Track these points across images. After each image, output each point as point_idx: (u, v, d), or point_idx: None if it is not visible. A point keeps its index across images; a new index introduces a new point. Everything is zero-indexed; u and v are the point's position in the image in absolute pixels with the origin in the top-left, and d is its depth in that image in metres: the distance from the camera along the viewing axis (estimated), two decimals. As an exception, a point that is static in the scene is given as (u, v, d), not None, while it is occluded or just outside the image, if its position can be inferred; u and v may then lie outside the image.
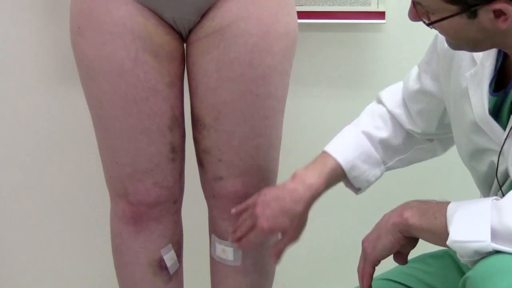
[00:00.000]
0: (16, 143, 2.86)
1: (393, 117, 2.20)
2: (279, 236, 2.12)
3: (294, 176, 2.09)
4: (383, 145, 2.16)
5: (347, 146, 2.15)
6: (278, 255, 2.11)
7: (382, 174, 2.16)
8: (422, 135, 2.18)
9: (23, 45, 2.78)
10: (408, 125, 2.18)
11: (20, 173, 2.87)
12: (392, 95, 2.23)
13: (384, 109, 2.21)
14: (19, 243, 2.95)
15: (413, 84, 2.16)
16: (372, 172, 2.15)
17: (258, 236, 2.11)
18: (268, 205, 2.09)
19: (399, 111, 2.18)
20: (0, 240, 2.94)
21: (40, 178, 2.89)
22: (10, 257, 2.95)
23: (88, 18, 2.11)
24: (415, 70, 2.18)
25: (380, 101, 2.24)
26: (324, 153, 2.13)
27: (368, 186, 2.17)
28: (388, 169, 2.19)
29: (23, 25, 2.77)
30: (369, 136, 2.16)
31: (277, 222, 2.06)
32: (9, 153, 2.87)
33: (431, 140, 2.20)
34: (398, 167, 2.21)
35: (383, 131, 2.17)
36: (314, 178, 2.08)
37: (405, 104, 2.20)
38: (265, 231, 2.06)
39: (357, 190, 2.18)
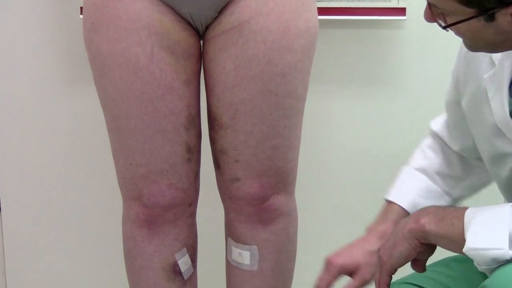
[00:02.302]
0: (27, 144, 2.86)
1: (440, 140, 2.19)
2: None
3: (366, 230, 2.10)
4: (441, 175, 2.16)
5: (405, 188, 2.15)
6: None
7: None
8: (466, 152, 2.15)
9: (34, 45, 2.78)
10: (450, 143, 2.17)
11: (30, 174, 2.87)
12: (439, 117, 2.21)
13: (431, 139, 2.21)
14: (29, 246, 2.95)
15: (447, 94, 2.15)
16: (439, 203, 2.12)
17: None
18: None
19: (442, 130, 2.18)
20: (12, 241, 2.93)
21: (51, 179, 2.89)
22: (23, 259, 2.95)
23: (102, 13, 2.10)
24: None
25: (430, 130, 2.22)
26: (386, 202, 2.13)
27: None
28: (456, 200, 2.17)
29: (35, 26, 2.77)
30: (423, 171, 2.16)
31: (350, 257, 2.05)
32: (21, 153, 2.87)
33: (481, 159, 2.16)
34: (467, 196, 2.18)
35: (436, 160, 2.17)
36: (383, 226, 2.07)
37: (447, 121, 2.20)
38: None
39: None
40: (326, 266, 2.07)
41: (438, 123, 2.20)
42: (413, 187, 2.16)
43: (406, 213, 2.10)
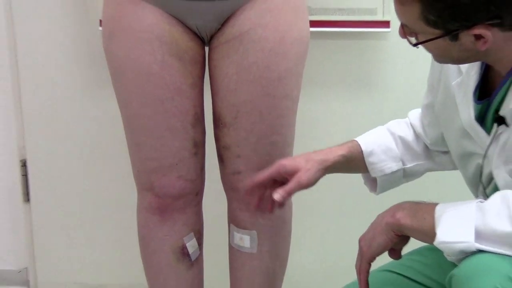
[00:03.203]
0: (54, 142, 2.89)
1: (413, 127, 2.22)
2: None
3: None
4: (404, 143, 2.18)
5: (371, 136, 2.18)
6: (284, 197, 2.05)
7: (398, 171, 2.16)
8: (434, 146, 2.18)
9: (61, 54, 2.81)
10: (423, 137, 2.20)
11: (57, 169, 2.92)
12: (416, 110, 2.24)
13: (407, 120, 2.23)
14: (55, 234, 2.97)
15: (423, 99, 2.17)
16: (389, 164, 2.16)
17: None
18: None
19: (416, 123, 2.20)
20: (41, 230, 2.96)
21: (75, 173, 2.94)
22: (51, 245, 2.97)
23: (118, 24, 2.17)
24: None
25: (408, 118, 2.25)
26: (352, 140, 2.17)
27: (384, 180, 2.16)
28: (405, 172, 2.18)
29: (61, 37, 2.79)
30: (392, 133, 2.18)
31: (293, 161, 2.07)
32: (49, 150, 2.88)
33: (445, 153, 2.19)
34: (416, 174, 2.21)
35: (406, 133, 2.19)
36: (337, 147, 2.11)
37: (421, 118, 2.22)
38: (281, 165, 2.04)
39: (374, 186, 2.20)
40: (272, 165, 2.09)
41: (413, 115, 2.22)
42: (378, 139, 2.18)
43: (361, 153, 2.15)
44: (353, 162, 2.16)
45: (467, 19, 1.74)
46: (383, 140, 2.18)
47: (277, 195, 2.03)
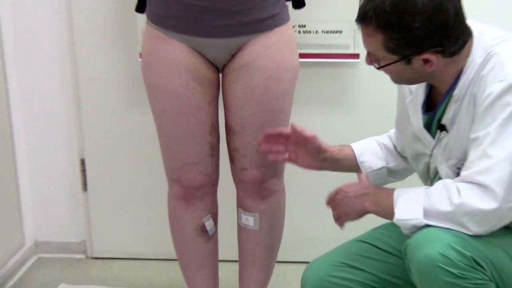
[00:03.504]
0: (108, 143, 2.88)
1: (391, 139, 2.19)
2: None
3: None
4: (386, 149, 2.15)
5: (362, 142, 2.17)
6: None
7: (383, 167, 2.14)
8: (402, 153, 2.15)
9: (112, 81, 2.79)
10: (396, 145, 2.17)
11: (109, 163, 2.90)
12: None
13: (389, 133, 2.20)
14: (109, 219, 2.97)
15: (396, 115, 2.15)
16: (375, 162, 2.13)
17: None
18: None
19: (392, 136, 2.17)
20: (96, 215, 2.95)
21: (125, 167, 2.90)
22: (105, 229, 2.97)
23: (153, 57, 2.16)
24: None
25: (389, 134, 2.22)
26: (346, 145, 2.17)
27: (374, 176, 2.14)
28: (389, 170, 2.15)
29: (111, 68, 2.78)
30: (377, 142, 2.17)
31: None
32: (104, 148, 2.88)
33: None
34: (398, 172, 2.17)
35: (387, 142, 2.16)
36: (334, 147, 2.11)
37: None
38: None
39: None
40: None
41: (392, 131, 2.18)
42: (367, 145, 2.16)
43: (353, 152, 2.14)
44: (346, 161, 2.14)
45: (418, 46, 1.76)
46: (371, 146, 2.17)
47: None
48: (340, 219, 1.95)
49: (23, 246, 2.74)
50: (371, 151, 2.16)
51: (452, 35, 1.77)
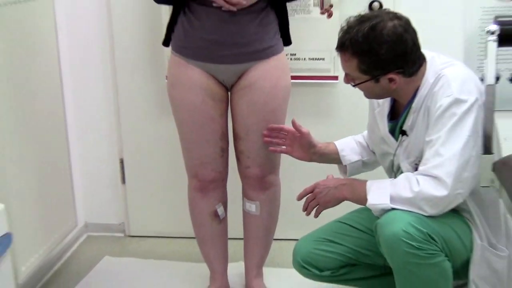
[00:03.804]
0: (141, 147, 2.83)
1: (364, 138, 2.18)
2: None
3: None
4: (361, 146, 2.14)
5: (343, 141, 2.15)
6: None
7: (358, 160, 2.13)
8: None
9: (144, 94, 2.77)
10: (368, 144, 2.15)
11: (143, 159, 2.85)
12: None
13: (363, 133, 2.18)
14: (145, 207, 2.91)
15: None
16: (353, 156, 2.12)
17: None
18: None
19: (365, 135, 2.15)
20: (133, 204, 2.91)
21: (156, 164, 2.83)
22: (141, 216, 2.92)
23: (176, 79, 2.16)
24: None
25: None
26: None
27: (351, 167, 2.13)
28: (364, 163, 2.14)
29: (141, 84, 2.76)
30: (355, 140, 2.15)
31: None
32: (140, 147, 2.82)
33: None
34: (370, 164, 2.15)
35: (361, 140, 2.14)
36: (321, 144, 2.11)
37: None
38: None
39: (345, 171, 2.15)
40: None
41: (365, 132, 2.15)
42: (347, 142, 2.15)
43: (336, 148, 2.13)
44: (331, 154, 2.14)
45: (384, 68, 1.78)
46: (350, 143, 2.16)
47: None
48: (319, 207, 1.95)
49: (76, 226, 2.74)
50: (350, 147, 2.14)
51: (410, 60, 1.79)
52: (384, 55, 1.75)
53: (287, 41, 2.19)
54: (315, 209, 1.96)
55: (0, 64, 2.02)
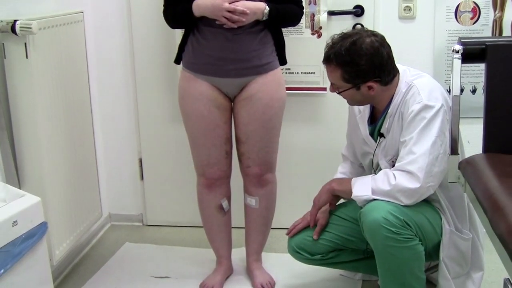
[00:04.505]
0: (158, 148, 2.79)
1: (346, 158, 2.13)
2: None
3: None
4: (346, 174, 2.09)
5: (341, 168, 2.12)
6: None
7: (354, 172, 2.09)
8: (355, 159, 2.11)
9: (160, 104, 2.74)
10: (349, 157, 2.12)
11: (159, 158, 2.80)
12: (345, 146, 2.17)
13: (342, 163, 2.15)
14: (159, 195, 2.86)
15: (347, 129, 2.13)
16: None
17: None
18: None
19: (346, 152, 2.14)
20: (150, 198, 2.87)
21: (172, 163, 2.79)
22: (158, 211, 2.88)
23: (186, 91, 2.14)
24: None
25: (342, 155, 2.18)
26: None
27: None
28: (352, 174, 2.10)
29: (158, 99, 2.74)
30: (344, 172, 2.10)
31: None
32: (157, 147, 2.78)
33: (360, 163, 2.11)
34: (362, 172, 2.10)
35: (347, 168, 2.11)
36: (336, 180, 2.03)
37: (347, 146, 2.15)
38: None
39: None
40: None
41: (344, 149, 2.14)
42: (344, 174, 2.09)
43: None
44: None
45: (364, 77, 1.79)
46: (345, 174, 2.11)
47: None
48: (314, 206, 1.97)
49: (101, 217, 2.71)
50: (342, 170, 2.13)
51: (386, 70, 1.80)
52: (363, 65, 1.77)
53: (282, 61, 2.18)
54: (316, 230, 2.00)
55: (40, 80, 2.04)
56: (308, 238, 2.02)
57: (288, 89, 2.26)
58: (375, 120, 1.94)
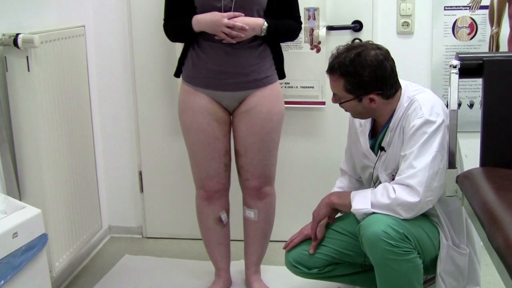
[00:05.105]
0: (157, 161, 2.78)
1: (344, 173, 2.13)
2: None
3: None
4: (343, 188, 2.08)
5: (339, 182, 2.11)
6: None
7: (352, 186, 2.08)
8: (354, 173, 2.10)
9: (159, 117, 2.73)
10: (348, 172, 2.11)
11: (160, 169, 2.80)
12: (343, 161, 2.15)
13: (340, 177, 2.14)
14: (158, 208, 2.85)
15: (346, 144, 2.11)
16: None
17: None
18: None
19: (344, 166, 2.13)
20: (150, 208, 2.86)
21: (165, 180, 2.81)
22: (158, 220, 2.87)
23: (186, 104, 2.14)
24: None
25: (340, 169, 2.15)
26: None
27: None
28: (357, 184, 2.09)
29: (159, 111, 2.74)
30: (340, 188, 2.09)
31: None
32: (158, 158, 2.78)
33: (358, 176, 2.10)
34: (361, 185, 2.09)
35: (344, 183, 2.10)
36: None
37: (345, 161, 2.14)
38: None
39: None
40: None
41: (343, 164, 2.13)
42: (341, 181, 2.09)
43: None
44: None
45: (366, 88, 1.78)
46: (344, 188, 2.10)
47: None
48: (314, 220, 1.96)
49: (101, 229, 2.71)
50: (341, 185, 2.12)
51: (388, 83, 1.80)
52: (366, 77, 1.77)
53: (281, 75, 2.18)
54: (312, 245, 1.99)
55: (42, 93, 2.04)
56: (305, 252, 2.01)
57: (287, 103, 2.26)
58: (376, 134, 1.94)
